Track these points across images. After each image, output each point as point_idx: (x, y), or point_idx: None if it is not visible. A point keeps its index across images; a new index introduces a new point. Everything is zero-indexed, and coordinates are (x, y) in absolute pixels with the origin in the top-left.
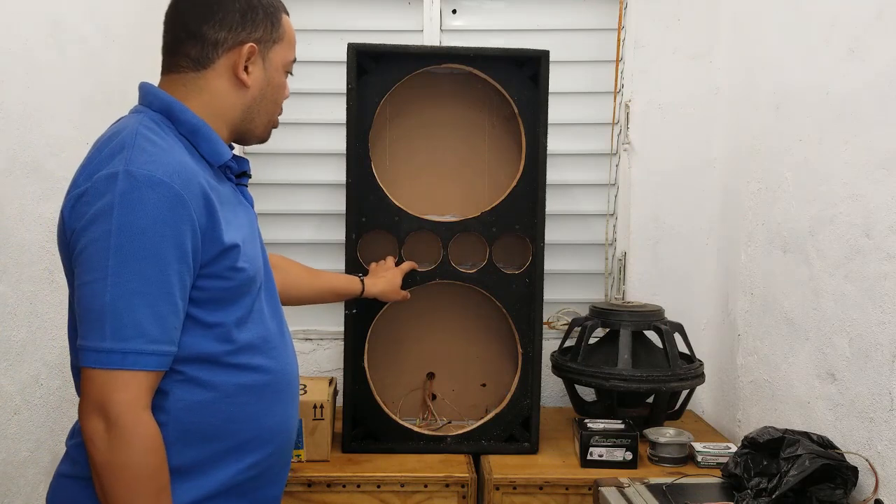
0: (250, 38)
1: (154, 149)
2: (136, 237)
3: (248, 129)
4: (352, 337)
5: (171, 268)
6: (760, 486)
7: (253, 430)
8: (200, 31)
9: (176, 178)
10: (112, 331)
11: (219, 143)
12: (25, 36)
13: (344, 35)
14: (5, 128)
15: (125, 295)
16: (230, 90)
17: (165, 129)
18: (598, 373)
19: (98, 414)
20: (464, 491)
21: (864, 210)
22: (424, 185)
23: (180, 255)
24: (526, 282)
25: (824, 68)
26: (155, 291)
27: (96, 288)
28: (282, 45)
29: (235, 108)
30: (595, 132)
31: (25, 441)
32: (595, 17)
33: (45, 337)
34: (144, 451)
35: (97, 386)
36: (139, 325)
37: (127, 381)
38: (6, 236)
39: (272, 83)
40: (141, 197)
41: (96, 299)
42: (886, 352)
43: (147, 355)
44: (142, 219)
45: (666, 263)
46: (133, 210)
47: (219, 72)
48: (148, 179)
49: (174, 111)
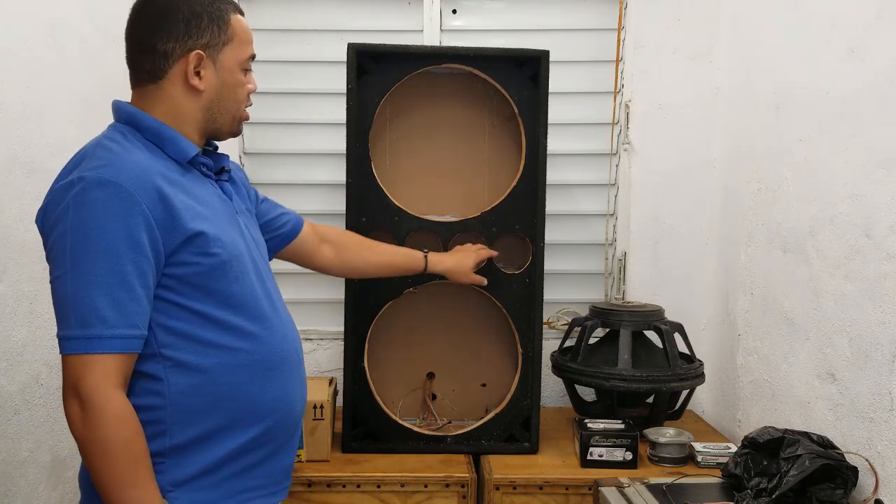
0: (197, 45)
1: (108, 154)
2: (89, 234)
3: (215, 128)
4: (352, 337)
5: (124, 258)
6: (760, 486)
7: (247, 406)
8: (152, 44)
9: (124, 176)
10: (76, 319)
11: (181, 141)
12: (25, 36)
13: (344, 35)
14: (5, 128)
15: (83, 286)
16: (186, 96)
17: (131, 138)
18: (598, 373)
19: (73, 396)
20: (464, 491)
21: (864, 210)
22: (424, 185)
23: (133, 246)
24: (526, 282)
25: (824, 68)
26: (110, 281)
27: (60, 283)
28: (232, 45)
29: (195, 111)
30: (595, 132)
31: (25, 441)
32: (595, 17)
33: (45, 337)
34: (116, 425)
35: (70, 371)
36: (98, 312)
37: (93, 364)
38: (6, 236)
39: (227, 83)
40: (91, 198)
41: (61, 293)
42: (886, 352)
43: (108, 339)
44: (92, 217)
45: (666, 263)
46: (83, 209)
47: (173, 81)
48: (97, 181)
49: (138, 120)
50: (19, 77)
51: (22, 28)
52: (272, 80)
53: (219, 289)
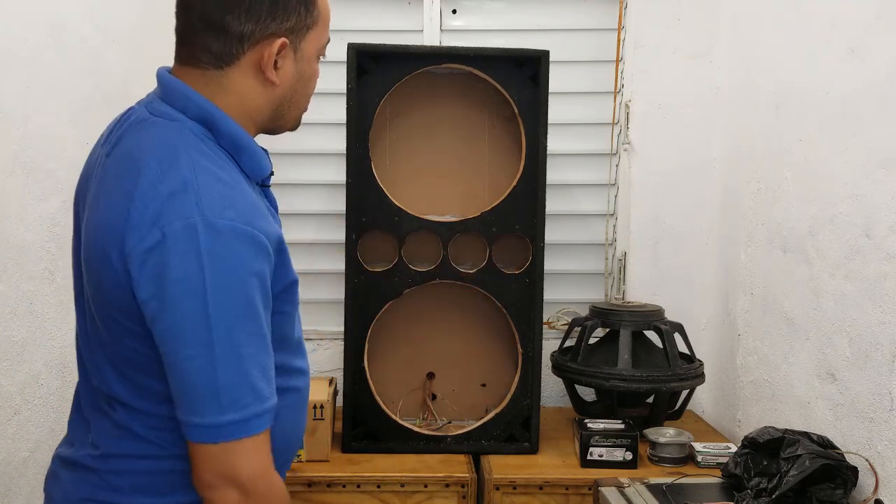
0: (281, 29)
1: (222, 187)
2: (233, 297)
3: (278, 125)
4: (352, 337)
5: (263, 318)
6: (760, 486)
7: (294, 442)
8: (223, 21)
9: (255, 223)
10: (230, 402)
11: (262, 157)
12: (25, 36)
13: (344, 35)
14: (5, 127)
15: (235, 362)
16: (257, 89)
17: (210, 145)
18: (598, 373)
19: (229, 486)
20: (464, 491)
21: (864, 210)
22: (424, 185)
23: (266, 302)
24: (526, 282)
25: (824, 68)
26: (258, 348)
27: (203, 362)
28: (316, 29)
29: (263, 107)
30: (595, 132)
31: (25, 441)
32: (595, 17)
33: (45, 337)
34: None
35: (223, 460)
36: (253, 388)
37: (252, 447)
38: (6, 236)
39: (304, 75)
40: (229, 253)
41: (205, 373)
42: (886, 352)
43: (265, 415)
44: (234, 277)
45: (666, 263)
46: (223, 268)
47: (243, 69)
48: (231, 231)
49: (216, 122)
50: (19, 77)
51: (22, 28)
52: None
53: (286, 334)
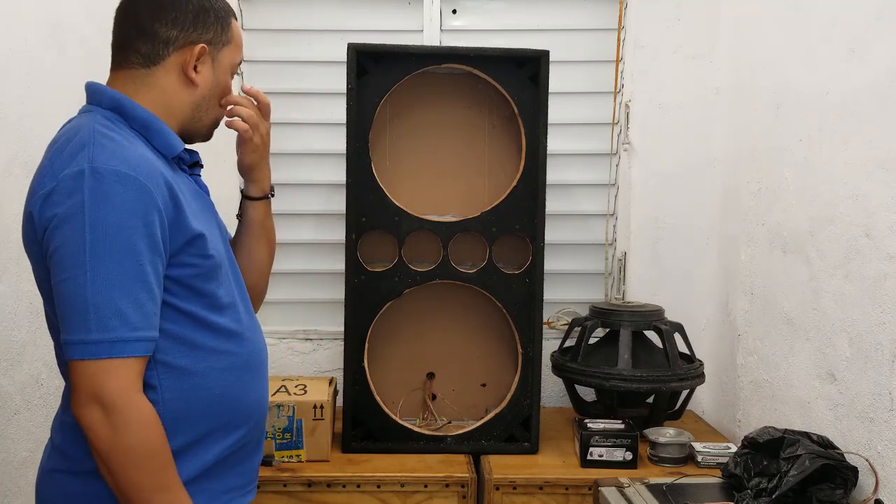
0: (201, 38)
1: (114, 144)
2: (109, 231)
3: (195, 128)
4: (352, 337)
5: (143, 257)
6: (760, 486)
7: (235, 408)
8: (152, 28)
9: (140, 170)
10: (96, 322)
11: (170, 135)
12: (25, 36)
13: (344, 35)
14: (5, 127)
15: (105, 287)
16: (179, 87)
17: (119, 125)
18: (598, 373)
19: (94, 403)
20: (464, 491)
21: (864, 210)
22: (424, 185)
23: (152, 245)
24: (526, 282)
25: (824, 68)
26: (132, 281)
27: (76, 283)
28: (230, 47)
29: (184, 105)
30: (595, 132)
31: (25, 441)
32: (595, 17)
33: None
34: (145, 431)
35: (88, 377)
36: (121, 314)
37: (117, 369)
38: (6, 236)
39: (219, 84)
40: (109, 191)
41: (77, 294)
42: (886, 352)
43: (132, 342)
44: (112, 213)
45: (666, 263)
46: (103, 205)
47: (168, 69)
48: (114, 174)
49: (124, 107)
50: (19, 77)
51: (22, 28)
52: (272, 80)
53: (207, 291)
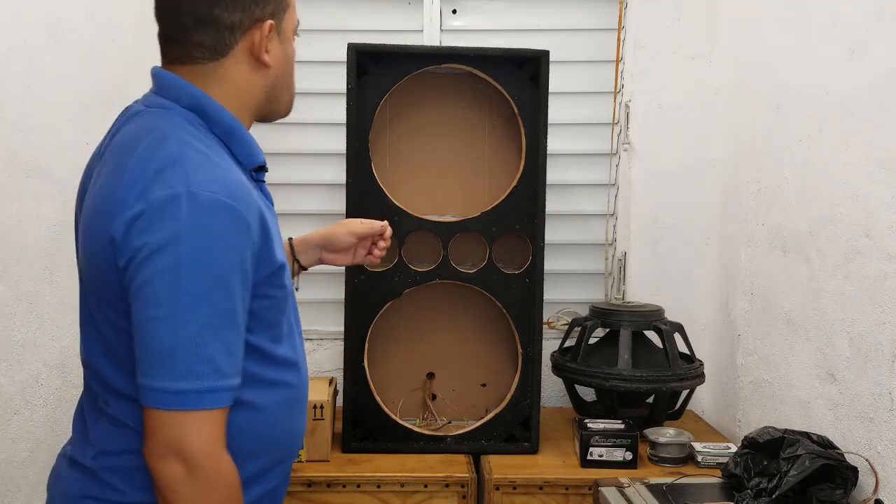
0: (265, 13)
1: (209, 164)
2: (206, 268)
3: (273, 109)
4: (352, 337)
5: (237, 296)
6: (760, 486)
7: (288, 442)
8: (212, 15)
9: (240, 198)
10: (186, 369)
11: (253, 144)
12: (25, 36)
13: (344, 35)
14: (5, 127)
15: (198, 331)
16: (251, 74)
17: (201, 131)
18: (598, 373)
19: (175, 458)
20: (464, 491)
21: (864, 210)
22: (424, 185)
23: (243, 281)
24: (526, 282)
25: (824, 68)
26: (225, 323)
27: (166, 325)
28: (290, 10)
29: (258, 92)
30: (595, 132)
31: (25, 441)
32: (595, 17)
33: (45, 337)
34: (228, 493)
35: (172, 428)
36: (213, 361)
37: (203, 422)
38: (6, 236)
39: (289, 55)
40: (209, 224)
41: (166, 337)
42: (886, 352)
43: (222, 392)
44: (211, 249)
45: (666, 263)
46: (201, 239)
47: (238, 58)
48: (213, 203)
49: (206, 110)
50: (19, 77)
51: (22, 28)
52: None
53: (275, 321)
